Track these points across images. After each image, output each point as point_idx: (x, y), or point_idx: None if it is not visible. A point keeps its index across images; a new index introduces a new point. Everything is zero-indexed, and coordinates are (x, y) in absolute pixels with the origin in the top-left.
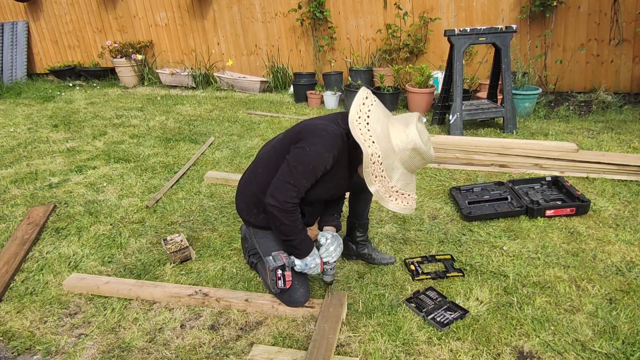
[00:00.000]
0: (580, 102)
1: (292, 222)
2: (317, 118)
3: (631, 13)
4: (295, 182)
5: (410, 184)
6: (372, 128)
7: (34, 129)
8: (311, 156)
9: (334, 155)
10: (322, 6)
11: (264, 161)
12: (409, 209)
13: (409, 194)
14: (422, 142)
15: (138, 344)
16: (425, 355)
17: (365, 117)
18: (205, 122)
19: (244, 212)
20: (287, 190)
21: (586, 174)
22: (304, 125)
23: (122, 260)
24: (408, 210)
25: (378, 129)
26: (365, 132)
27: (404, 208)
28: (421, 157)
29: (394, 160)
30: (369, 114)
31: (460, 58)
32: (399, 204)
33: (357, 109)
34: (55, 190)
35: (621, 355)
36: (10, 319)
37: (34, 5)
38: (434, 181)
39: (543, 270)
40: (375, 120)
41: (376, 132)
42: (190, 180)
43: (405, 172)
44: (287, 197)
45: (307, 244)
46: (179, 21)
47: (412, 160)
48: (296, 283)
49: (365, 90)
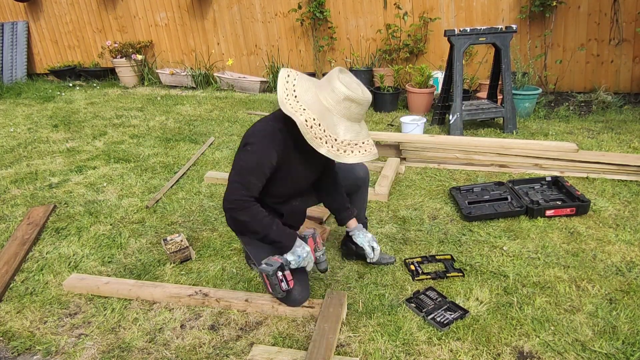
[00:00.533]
0: (580, 102)
1: (252, 217)
2: (256, 122)
3: (631, 13)
4: (242, 180)
5: (360, 132)
6: (301, 99)
7: (34, 129)
8: (253, 154)
9: (277, 150)
10: (322, 6)
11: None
12: (369, 155)
13: (362, 141)
14: (350, 90)
15: (138, 344)
16: (425, 355)
17: (292, 92)
18: (205, 122)
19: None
20: (235, 189)
21: (586, 174)
22: (249, 129)
23: (122, 260)
24: (368, 156)
25: (307, 97)
26: (294, 104)
27: (364, 156)
28: (356, 103)
29: (332, 116)
30: (294, 88)
31: (460, 58)
32: (357, 155)
33: (283, 88)
34: (55, 190)
35: (621, 355)
36: (10, 319)
37: (34, 5)
38: (434, 181)
39: (543, 270)
40: (303, 90)
41: (305, 101)
42: (190, 180)
43: (350, 124)
44: (236, 196)
45: (285, 235)
46: (179, 21)
47: (349, 110)
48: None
49: (284, 70)
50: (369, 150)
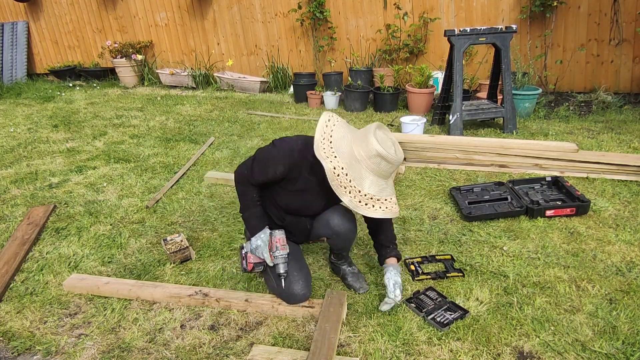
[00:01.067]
0: (580, 102)
1: (240, 193)
2: (297, 135)
3: (631, 13)
4: (249, 164)
5: (385, 189)
6: (335, 145)
7: (34, 129)
8: (268, 154)
9: (285, 167)
10: (322, 6)
11: None
12: (390, 213)
13: (385, 198)
14: (383, 148)
15: (138, 344)
16: (425, 355)
17: (329, 137)
18: (205, 122)
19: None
20: (245, 166)
21: (586, 174)
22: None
23: (122, 260)
24: (390, 214)
25: (342, 145)
26: (328, 150)
27: (384, 212)
28: (386, 161)
29: (361, 169)
30: (332, 134)
31: (460, 58)
32: (378, 210)
33: (322, 131)
34: (55, 191)
35: (621, 355)
36: (10, 319)
37: (34, 5)
38: (434, 181)
39: (543, 270)
40: (339, 137)
41: (339, 148)
42: (190, 181)
43: (376, 179)
44: (242, 170)
45: (250, 224)
46: (179, 21)
47: (378, 166)
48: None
49: (326, 114)
50: (390, 208)
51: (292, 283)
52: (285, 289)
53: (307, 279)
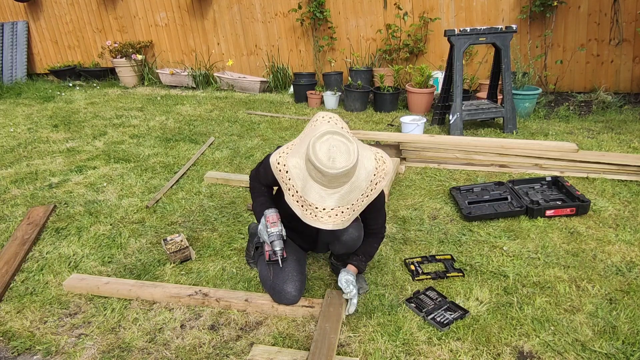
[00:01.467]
0: (580, 102)
1: (251, 188)
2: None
3: (631, 13)
4: (258, 165)
5: (327, 200)
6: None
7: (34, 129)
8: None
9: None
10: (322, 6)
11: None
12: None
13: (330, 209)
14: (318, 157)
15: (138, 344)
16: (425, 355)
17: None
18: (205, 122)
19: None
20: (256, 167)
21: (586, 174)
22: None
23: (122, 260)
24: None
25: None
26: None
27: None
28: (316, 169)
29: (310, 172)
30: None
31: (460, 58)
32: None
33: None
34: (55, 190)
35: (621, 355)
36: (10, 319)
37: (34, 5)
38: (434, 181)
39: (543, 270)
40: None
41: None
42: (190, 180)
43: (321, 188)
44: (254, 171)
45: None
46: (179, 21)
47: (313, 171)
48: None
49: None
50: (333, 219)
51: (286, 281)
52: (278, 284)
53: (301, 283)
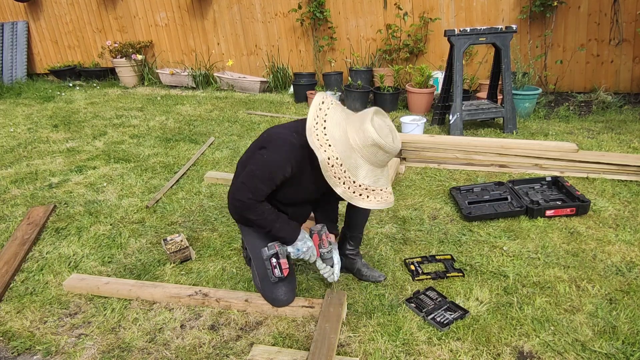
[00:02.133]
0: (580, 102)
1: (258, 216)
2: (281, 126)
3: (631, 13)
4: (250, 185)
5: (380, 179)
6: (330, 132)
7: (34, 129)
8: (269, 164)
9: (292, 165)
10: (322, 6)
11: (241, 162)
12: (384, 204)
13: (380, 188)
14: (380, 136)
15: (138, 344)
16: (425, 355)
17: (322, 122)
18: (205, 122)
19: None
20: (242, 191)
21: (586, 174)
22: (269, 133)
23: (122, 260)
24: (383, 204)
25: (336, 132)
26: (322, 137)
27: (379, 203)
28: (383, 150)
29: (356, 158)
30: (325, 118)
31: (460, 58)
32: (372, 201)
33: (314, 115)
34: (55, 190)
35: (621, 355)
36: (10, 319)
37: (34, 5)
38: (434, 181)
39: (543, 270)
40: (333, 123)
41: (334, 136)
42: (190, 180)
43: (372, 168)
44: (242, 197)
45: (288, 231)
46: (179, 21)
47: (375, 155)
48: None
49: (320, 95)
50: (385, 198)
51: (275, 288)
52: (269, 293)
53: (291, 283)
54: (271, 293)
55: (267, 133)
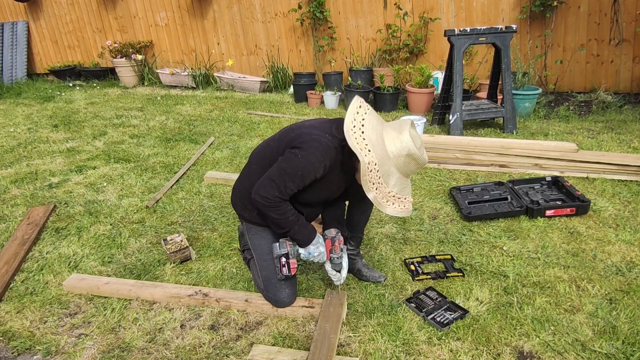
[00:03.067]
0: (580, 102)
1: (280, 215)
2: (314, 126)
3: (631, 13)
4: (279, 183)
5: (405, 187)
6: (367, 136)
7: (34, 129)
8: (302, 164)
9: (325, 166)
10: (322, 6)
11: (258, 158)
12: (405, 212)
13: (405, 197)
14: (416, 148)
15: (138, 344)
16: (425, 355)
17: (360, 125)
18: (205, 122)
19: (239, 207)
20: (270, 188)
21: (586, 174)
22: (302, 132)
23: (122, 260)
24: (405, 213)
25: (373, 137)
26: (360, 140)
27: (401, 211)
28: (416, 162)
29: (390, 166)
30: (363, 122)
31: (460, 58)
32: (396, 208)
33: (352, 117)
34: (55, 190)
35: (621, 355)
36: (10, 319)
37: (34, 5)
38: (434, 181)
39: (543, 270)
40: (370, 128)
41: (371, 140)
42: (190, 180)
43: (400, 177)
44: (268, 194)
45: (304, 234)
46: (179, 21)
47: (407, 165)
48: (283, 283)
49: (358, 99)
50: (407, 207)
51: (278, 290)
52: (272, 294)
53: (293, 285)
54: (274, 295)
55: (298, 132)
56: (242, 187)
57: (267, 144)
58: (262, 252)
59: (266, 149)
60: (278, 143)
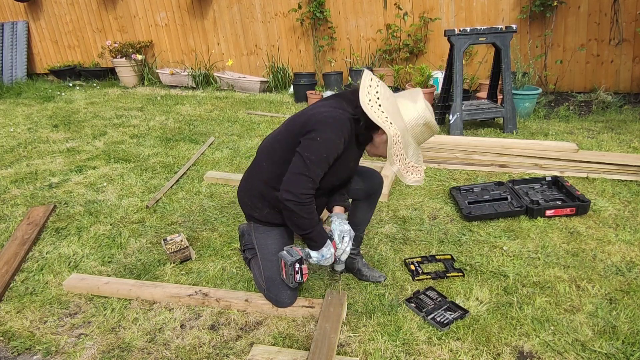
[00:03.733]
0: (580, 102)
1: (309, 215)
2: (320, 105)
3: (631, 13)
4: (310, 173)
5: (420, 156)
6: (385, 108)
7: (34, 129)
8: (324, 145)
9: (345, 139)
10: (322, 6)
11: (267, 154)
12: (421, 181)
13: (420, 166)
14: (432, 117)
15: (138, 344)
16: (425, 355)
17: (375, 98)
18: (205, 122)
19: (248, 206)
20: (303, 182)
21: (586, 174)
22: (310, 115)
23: (122, 260)
24: (420, 182)
25: (390, 109)
26: (380, 114)
27: (418, 180)
28: (430, 130)
29: (408, 137)
30: (377, 95)
31: (460, 58)
32: (415, 177)
33: (366, 91)
34: (55, 190)
35: (621, 355)
36: (10, 319)
37: (34, 5)
38: (434, 181)
39: (543, 270)
40: (385, 99)
41: (389, 112)
42: (190, 180)
43: (416, 146)
44: (304, 189)
45: (322, 236)
46: (179, 21)
47: (422, 134)
48: (285, 284)
49: (368, 73)
50: (422, 176)
51: (281, 291)
52: (274, 295)
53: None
54: (276, 295)
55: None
56: (252, 186)
57: (274, 138)
58: (268, 252)
59: (274, 144)
60: (286, 135)
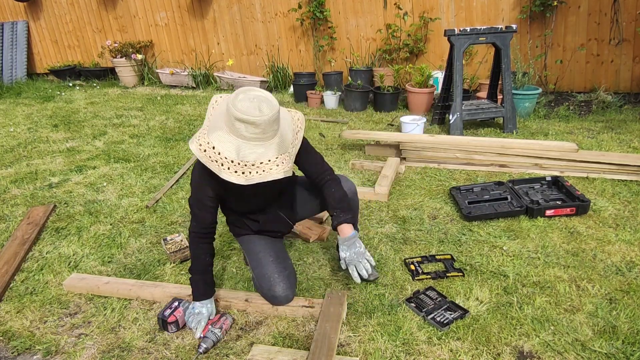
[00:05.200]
0: (580, 102)
1: (192, 253)
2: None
3: (631, 13)
4: (192, 215)
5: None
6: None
7: (34, 129)
8: (192, 192)
9: (210, 184)
10: (322, 6)
11: None
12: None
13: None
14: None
15: (138, 343)
16: (425, 355)
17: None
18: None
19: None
20: (191, 222)
21: (586, 174)
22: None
23: (122, 260)
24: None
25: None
26: (201, 133)
27: (262, 176)
28: (251, 124)
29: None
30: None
31: (460, 58)
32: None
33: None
34: (55, 190)
35: (621, 355)
36: (10, 319)
37: (34, 5)
38: (434, 181)
39: (543, 270)
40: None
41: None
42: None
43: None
44: (191, 228)
45: (196, 289)
46: (179, 21)
47: (247, 130)
48: (276, 277)
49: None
50: (269, 170)
51: (273, 285)
52: (267, 290)
53: (289, 279)
54: (269, 290)
55: None
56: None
57: None
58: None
59: None
60: None
